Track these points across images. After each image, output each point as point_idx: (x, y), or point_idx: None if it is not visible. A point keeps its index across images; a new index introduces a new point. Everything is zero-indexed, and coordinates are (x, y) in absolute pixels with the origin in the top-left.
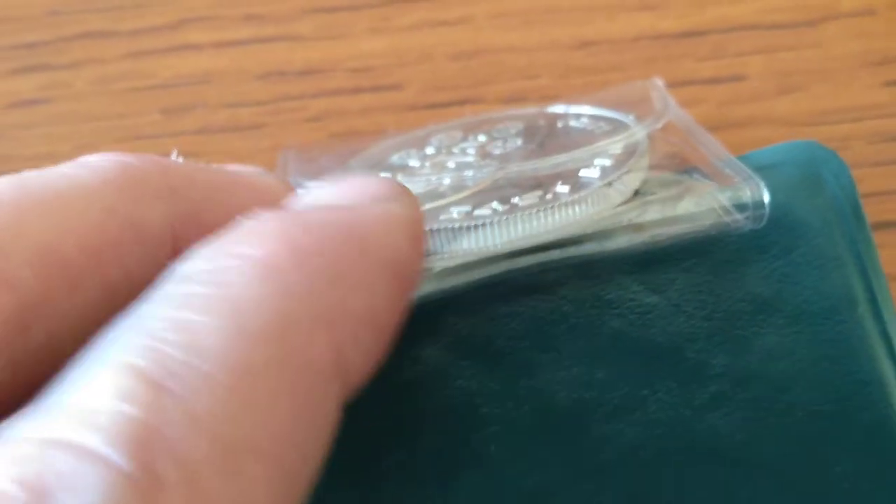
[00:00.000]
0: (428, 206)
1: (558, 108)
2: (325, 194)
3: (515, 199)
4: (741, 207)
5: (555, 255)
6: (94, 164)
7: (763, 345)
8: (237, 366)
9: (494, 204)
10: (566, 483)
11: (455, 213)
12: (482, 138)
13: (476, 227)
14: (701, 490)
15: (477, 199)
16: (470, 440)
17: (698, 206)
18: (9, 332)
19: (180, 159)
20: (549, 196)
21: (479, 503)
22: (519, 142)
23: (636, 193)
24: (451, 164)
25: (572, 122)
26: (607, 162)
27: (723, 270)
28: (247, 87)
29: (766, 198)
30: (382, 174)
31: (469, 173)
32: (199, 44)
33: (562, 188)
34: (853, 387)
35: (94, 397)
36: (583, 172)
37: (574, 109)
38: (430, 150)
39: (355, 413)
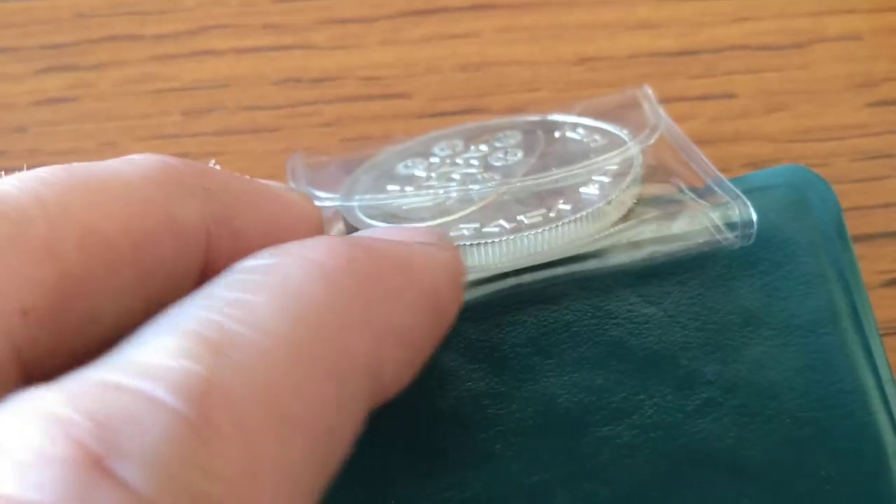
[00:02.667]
0: (438, 221)
1: (555, 117)
2: (381, 232)
3: (521, 217)
4: (731, 226)
5: (559, 271)
6: (137, 161)
7: (752, 355)
8: (290, 343)
9: (501, 221)
10: (566, 481)
11: (465, 229)
12: (483, 148)
13: (485, 244)
14: (692, 490)
15: (484, 214)
16: (477, 438)
17: (692, 225)
18: (53, 301)
19: (217, 167)
20: (552, 214)
21: (484, 498)
22: (519, 154)
23: (631, 208)
24: (455, 176)
25: (569, 133)
26: (605, 178)
27: (715, 285)
28: (264, 91)
29: (755, 217)
30: (390, 185)
31: (475, 187)
32: (219, 50)
33: (564, 206)
34: (836, 395)
35: (158, 355)
36: (582, 189)
37: (570, 119)
38: (434, 160)
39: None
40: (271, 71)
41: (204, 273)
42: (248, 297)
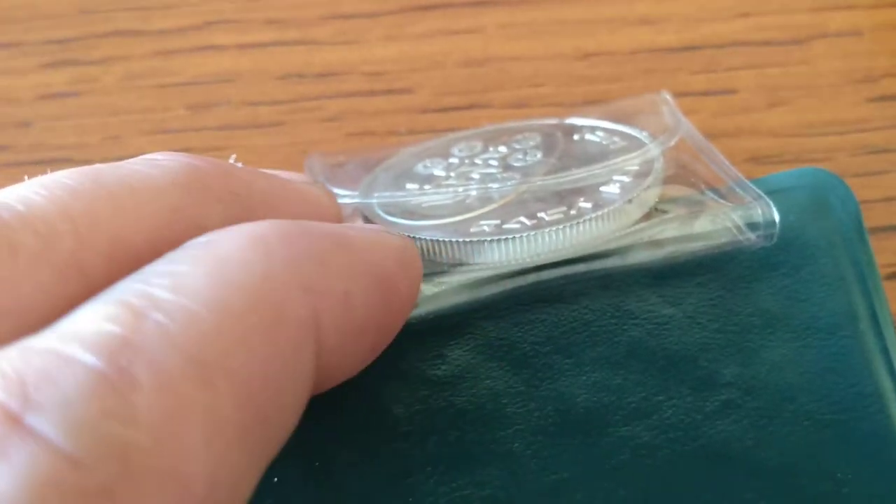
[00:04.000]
0: (458, 218)
1: (574, 121)
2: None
3: (542, 214)
4: (753, 226)
5: (579, 268)
6: (164, 164)
7: (771, 356)
8: (215, 304)
9: (522, 218)
10: (584, 480)
11: (485, 226)
12: (503, 149)
13: (506, 240)
14: (710, 491)
15: (504, 212)
16: (496, 437)
17: (713, 225)
18: None
19: (239, 164)
20: (573, 212)
21: (502, 496)
22: (539, 155)
23: (653, 208)
24: (475, 175)
25: (588, 136)
26: (625, 178)
27: (735, 286)
28: (267, 87)
29: (777, 218)
30: (409, 184)
31: (494, 186)
32: (223, 45)
33: (584, 204)
34: (854, 398)
35: (82, 321)
36: (603, 188)
37: (589, 122)
38: (453, 160)
39: (390, 406)
40: (274, 66)
41: None
42: (177, 267)
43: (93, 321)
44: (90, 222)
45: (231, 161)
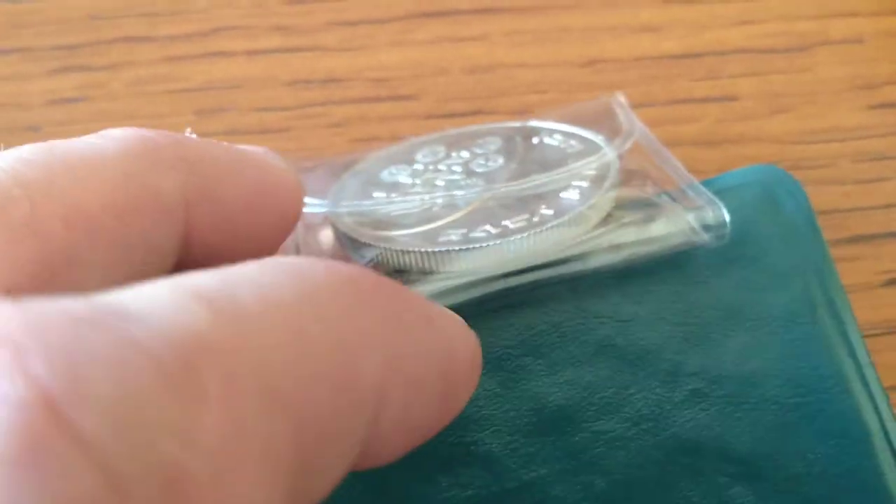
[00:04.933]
0: (425, 227)
1: (533, 123)
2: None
3: (506, 222)
4: (706, 228)
5: (544, 273)
6: (115, 135)
7: (734, 346)
8: (299, 329)
9: (488, 227)
10: (563, 475)
11: (452, 235)
12: (465, 154)
13: (473, 249)
14: (684, 477)
15: (470, 220)
16: (474, 438)
17: (668, 227)
18: (37, 277)
19: (193, 135)
20: (535, 219)
21: (481, 495)
22: (500, 160)
23: (610, 212)
24: (439, 182)
25: (546, 139)
26: (584, 183)
27: (695, 282)
28: (274, 93)
29: (728, 219)
30: (376, 192)
31: (459, 193)
32: (230, 51)
33: (546, 211)
34: (817, 380)
35: (148, 301)
36: (563, 194)
37: (547, 125)
38: (418, 167)
39: None
40: (282, 72)
41: (185, 242)
42: (266, 276)
43: (163, 304)
44: (45, 189)
45: (186, 133)
